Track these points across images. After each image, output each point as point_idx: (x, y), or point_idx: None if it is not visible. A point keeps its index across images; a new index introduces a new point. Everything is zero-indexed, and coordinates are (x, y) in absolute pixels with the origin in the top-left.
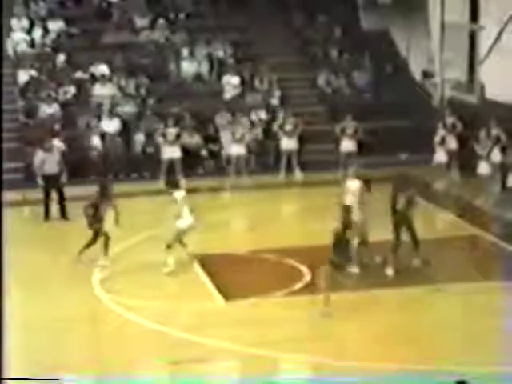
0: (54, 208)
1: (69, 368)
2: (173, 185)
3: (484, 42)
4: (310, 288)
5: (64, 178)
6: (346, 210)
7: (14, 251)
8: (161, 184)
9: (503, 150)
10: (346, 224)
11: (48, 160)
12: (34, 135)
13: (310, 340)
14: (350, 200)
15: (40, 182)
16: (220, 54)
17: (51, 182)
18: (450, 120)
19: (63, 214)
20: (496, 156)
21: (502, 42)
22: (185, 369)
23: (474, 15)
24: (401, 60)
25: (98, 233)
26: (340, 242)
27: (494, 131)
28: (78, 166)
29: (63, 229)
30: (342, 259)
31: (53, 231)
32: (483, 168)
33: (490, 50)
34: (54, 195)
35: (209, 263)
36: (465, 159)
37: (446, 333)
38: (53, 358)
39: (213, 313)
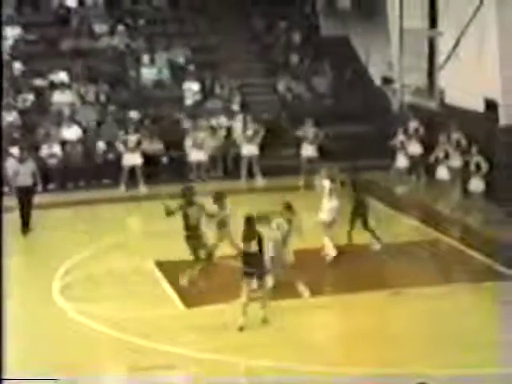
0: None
1: None
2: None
3: (443, 47)
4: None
5: (38, 189)
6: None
7: None
8: (122, 191)
9: (463, 154)
10: None
11: (21, 171)
12: None
13: (274, 345)
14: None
15: (14, 193)
16: (180, 60)
17: (25, 193)
18: (412, 125)
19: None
20: (456, 161)
21: (461, 48)
22: (146, 375)
23: (433, 21)
24: (360, 66)
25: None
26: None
27: (454, 136)
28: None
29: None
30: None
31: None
32: (442, 172)
33: (449, 56)
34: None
35: (170, 269)
36: (427, 164)
37: (409, 336)
38: (9, 365)
39: (174, 319)
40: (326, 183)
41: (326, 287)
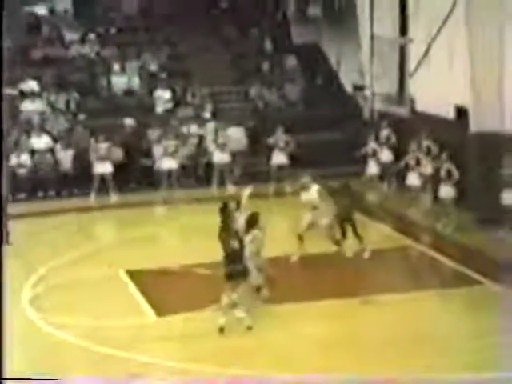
0: None
1: None
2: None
3: (414, 55)
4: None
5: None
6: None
7: None
8: (92, 200)
9: (434, 161)
10: None
11: None
12: None
13: (246, 353)
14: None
15: None
16: (151, 68)
17: None
18: (384, 132)
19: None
20: (427, 168)
21: (432, 55)
22: None
23: (404, 29)
24: (332, 73)
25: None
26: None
27: (425, 143)
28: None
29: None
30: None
31: None
32: (413, 179)
33: (419, 63)
34: None
35: (141, 278)
36: (398, 171)
37: (380, 343)
38: None
39: (145, 328)
40: (314, 191)
41: (296, 295)
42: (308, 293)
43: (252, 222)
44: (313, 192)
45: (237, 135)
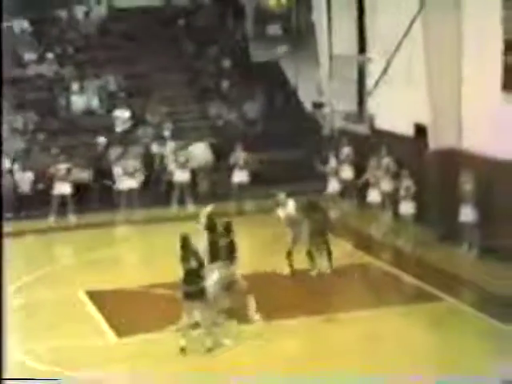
0: None
1: None
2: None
3: (372, 73)
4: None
5: None
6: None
7: None
8: (51, 221)
9: (393, 178)
10: None
11: None
12: None
13: (206, 373)
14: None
15: None
16: (110, 87)
17: None
18: (345, 150)
19: None
20: (386, 184)
21: (390, 73)
22: None
23: (362, 47)
24: (291, 91)
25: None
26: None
27: (385, 160)
28: None
29: None
30: None
31: None
32: (374, 196)
33: (378, 81)
34: None
35: (101, 299)
36: (359, 188)
37: (342, 360)
38: None
39: (105, 350)
40: (291, 206)
41: (259, 313)
42: (269, 311)
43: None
44: (290, 207)
45: (201, 151)
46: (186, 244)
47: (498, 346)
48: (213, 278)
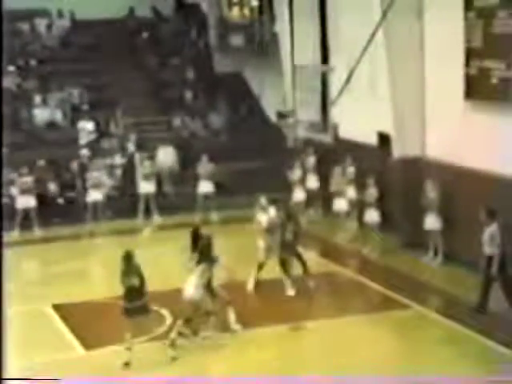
0: None
1: None
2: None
3: (336, 82)
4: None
5: None
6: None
7: None
8: (16, 235)
9: (358, 187)
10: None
11: None
12: None
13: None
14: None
15: None
16: (74, 99)
17: None
18: (310, 159)
19: None
20: (352, 193)
21: (353, 83)
22: None
23: (325, 57)
24: (255, 101)
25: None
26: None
27: (350, 169)
28: None
29: None
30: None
31: None
32: (340, 205)
33: (341, 91)
34: None
35: (68, 313)
36: (324, 197)
37: (309, 369)
38: None
39: (73, 363)
40: (272, 212)
41: (225, 323)
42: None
43: (204, 249)
44: (271, 213)
45: (168, 154)
46: (128, 260)
47: (463, 351)
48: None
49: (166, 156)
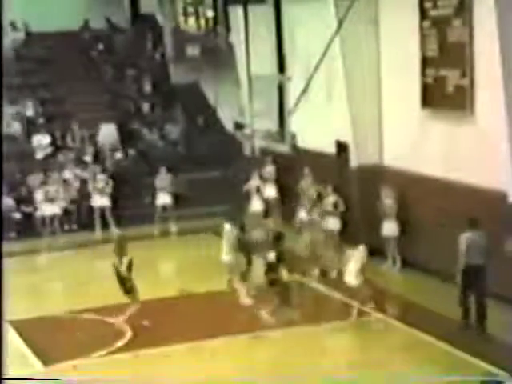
0: None
1: None
2: None
3: (293, 92)
4: (132, 345)
5: None
6: None
7: None
8: None
9: (319, 196)
10: None
11: None
12: None
13: None
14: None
15: None
16: (29, 112)
17: None
18: (267, 169)
19: None
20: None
21: (310, 92)
22: None
23: (282, 66)
24: (212, 112)
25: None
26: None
27: (309, 179)
28: None
29: None
30: None
31: None
32: (301, 214)
33: (298, 100)
34: None
35: (25, 328)
36: (283, 207)
37: (268, 378)
38: None
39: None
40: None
41: (184, 334)
42: (196, 332)
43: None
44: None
45: (109, 131)
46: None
47: (422, 356)
48: None
49: (108, 133)
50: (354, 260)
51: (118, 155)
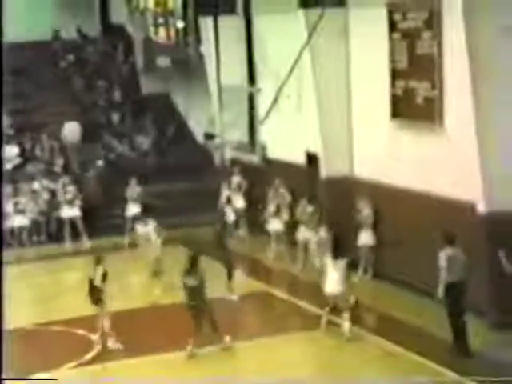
0: None
1: None
2: None
3: (263, 103)
4: (102, 356)
5: None
6: None
7: None
8: None
9: (291, 207)
10: None
11: None
12: None
13: None
14: None
15: None
16: None
17: None
18: (235, 179)
19: None
20: (284, 213)
21: (280, 103)
22: None
23: (252, 78)
24: (182, 122)
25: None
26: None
27: (280, 190)
28: None
29: None
30: None
31: None
32: (274, 225)
33: (268, 111)
34: None
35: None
36: (253, 217)
37: None
38: None
39: None
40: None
41: (150, 346)
42: (166, 342)
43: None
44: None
45: (72, 128)
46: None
47: (393, 367)
48: None
49: (71, 131)
50: (336, 269)
51: (100, 163)
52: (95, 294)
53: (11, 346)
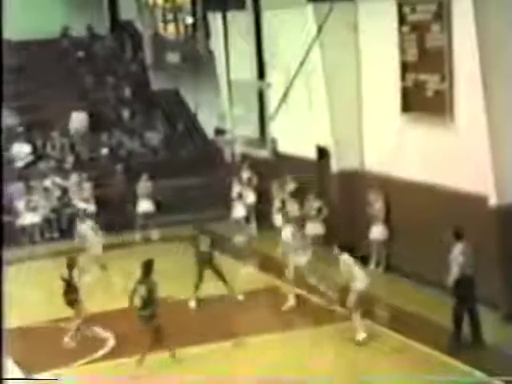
0: None
1: None
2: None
3: (273, 98)
4: (115, 353)
5: None
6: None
7: None
8: None
9: (300, 202)
10: None
11: None
12: None
13: None
14: None
15: None
16: (8, 121)
17: None
18: (245, 175)
19: None
20: (293, 208)
21: (290, 98)
22: None
23: (262, 73)
24: (192, 118)
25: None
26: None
27: (290, 185)
28: None
29: None
30: None
31: None
32: (279, 220)
33: (279, 106)
34: None
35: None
36: (263, 212)
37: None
38: None
39: None
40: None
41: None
42: (179, 338)
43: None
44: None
45: (80, 118)
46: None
47: (406, 361)
48: None
49: (79, 121)
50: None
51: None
52: (70, 295)
53: (24, 343)
